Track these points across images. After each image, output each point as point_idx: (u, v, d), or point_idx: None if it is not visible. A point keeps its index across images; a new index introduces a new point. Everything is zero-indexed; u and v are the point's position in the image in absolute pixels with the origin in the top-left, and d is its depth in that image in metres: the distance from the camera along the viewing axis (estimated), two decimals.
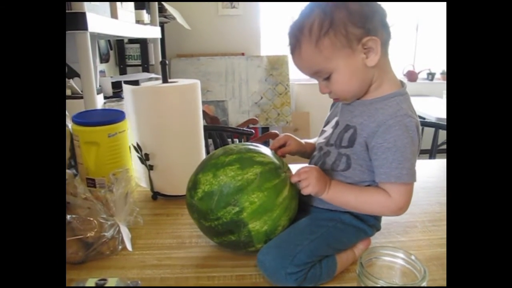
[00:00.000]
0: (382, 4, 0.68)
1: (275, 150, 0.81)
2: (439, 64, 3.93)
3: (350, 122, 0.72)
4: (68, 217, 0.75)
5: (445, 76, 3.95)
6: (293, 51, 0.70)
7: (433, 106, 3.27)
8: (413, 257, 0.59)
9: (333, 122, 0.77)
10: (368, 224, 0.75)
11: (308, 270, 0.65)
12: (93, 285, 0.61)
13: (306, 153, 0.86)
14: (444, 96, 3.49)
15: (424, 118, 2.84)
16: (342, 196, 0.71)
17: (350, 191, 0.71)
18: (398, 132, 0.66)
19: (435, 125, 1.90)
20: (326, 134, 0.78)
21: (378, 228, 0.78)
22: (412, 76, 3.92)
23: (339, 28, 0.64)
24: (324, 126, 0.81)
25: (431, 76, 3.97)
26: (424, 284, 0.54)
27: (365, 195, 0.70)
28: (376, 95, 0.71)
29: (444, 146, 2.96)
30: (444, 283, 0.68)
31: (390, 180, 0.67)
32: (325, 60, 0.67)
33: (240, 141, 2.13)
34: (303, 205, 0.78)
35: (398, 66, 3.96)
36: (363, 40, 0.65)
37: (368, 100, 0.71)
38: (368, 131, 0.68)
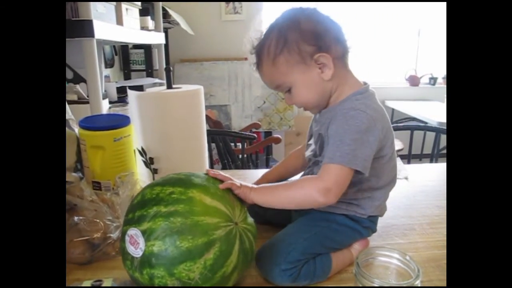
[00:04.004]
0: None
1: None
2: (441, 68, 3.94)
3: (320, 131, 0.75)
4: (75, 218, 0.78)
5: None
6: (257, 68, 0.76)
7: (435, 110, 3.28)
8: (407, 257, 0.61)
9: (316, 135, 0.80)
10: (362, 225, 0.77)
11: (302, 266, 0.68)
12: (88, 285, 0.63)
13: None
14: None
15: (426, 123, 2.85)
16: (271, 190, 0.70)
17: (277, 185, 0.72)
18: (340, 121, 0.69)
19: (437, 130, 1.91)
20: (312, 147, 0.80)
21: (373, 230, 0.80)
22: (414, 80, 3.94)
23: (292, 47, 0.70)
24: (308, 140, 0.83)
25: (433, 80, 3.97)
26: (417, 282, 0.56)
27: (294, 183, 0.71)
28: (338, 100, 0.74)
29: (445, 151, 2.96)
30: (440, 284, 0.70)
31: (325, 161, 0.68)
32: (282, 75, 0.72)
33: (242, 146, 2.15)
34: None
35: (400, 70, 3.98)
36: (314, 57, 0.70)
37: (332, 106, 0.75)
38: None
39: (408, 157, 1.90)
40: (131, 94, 1.01)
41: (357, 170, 0.66)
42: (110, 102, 1.92)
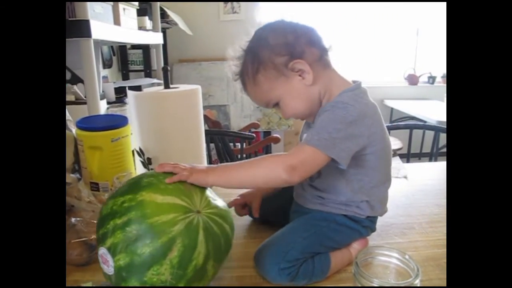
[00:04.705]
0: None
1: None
2: (440, 67, 3.94)
3: None
4: (72, 220, 0.77)
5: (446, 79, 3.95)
6: (244, 90, 0.79)
7: (434, 109, 3.28)
8: (407, 257, 0.60)
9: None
10: (362, 225, 0.77)
11: (300, 265, 0.68)
12: None
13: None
14: (445, 99, 3.50)
15: (425, 122, 2.85)
16: (230, 170, 0.67)
17: (238, 163, 0.70)
18: (327, 113, 0.69)
19: (436, 128, 1.91)
20: None
21: (373, 230, 0.80)
22: (413, 79, 3.94)
23: (266, 63, 0.72)
24: None
25: (432, 79, 3.98)
26: (417, 282, 0.56)
27: (258, 159, 0.68)
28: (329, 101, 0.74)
29: (445, 150, 2.96)
30: (440, 283, 0.69)
31: (302, 143, 0.67)
32: (266, 92, 0.74)
33: (241, 146, 2.15)
34: (300, 207, 0.81)
35: (399, 69, 3.98)
36: (289, 66, 0.71)
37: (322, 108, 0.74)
38: None
39: (407, 156, 1.90)
40: (130, 94, 1.01)
41: (334, 160, 0.65)
42: (108, 103, 1.92)
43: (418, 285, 0.56)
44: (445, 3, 0.58)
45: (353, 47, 3.76)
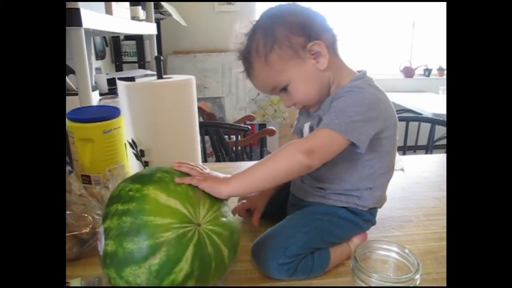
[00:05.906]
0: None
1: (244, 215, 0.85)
2: (436, 60, 3.94)
3: (319, 121, 0.72)
4: None
5: (442, 72, 3.96)
6: (248, 74, 0.73)
7: (429, 101, 3.28)
8: (406, 251, 0.59)
9: (306, 128, 0.77)
10: (363, 218, 0.75)
11: (300, 261, 0.66)
12: None
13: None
14: (441, 92, 3.50)
15: (420, 114, 2.85)
16: (246, 173, 0.63)
17: (253, 165, 0.64)
18: (344, 98, 0.67)
19: (431, 121, 1.90)
20: None
21: (373, 223, 0.79)
22: (409, 72, 3.93)
23: (282, 41, 0.68)
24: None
25: (427, 72, 3.98)
26: (417, 277, 0.54)
27: (273, 154, 0.64)
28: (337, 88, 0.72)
29: (440, 142, 2.97)
30: (438, 277, 0.68)
31: (321, 127, 0.65)
32: (278, 74, 0.69)
33: (236, 138, 2.13)
34: (298, 201, 0.79)
35: (395, 62, 3.97)
36: (307, 46, 0.68)
37: (331, 95, 0.72)
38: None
39: (404, 149, 1.90)
40: (120, 85, 0.98)
41: (353, 143, 0.63)
42: (101, 94, 1.88)
43: (419, 280, 0.55)
44: None
45: (349, 39, 3.74)
